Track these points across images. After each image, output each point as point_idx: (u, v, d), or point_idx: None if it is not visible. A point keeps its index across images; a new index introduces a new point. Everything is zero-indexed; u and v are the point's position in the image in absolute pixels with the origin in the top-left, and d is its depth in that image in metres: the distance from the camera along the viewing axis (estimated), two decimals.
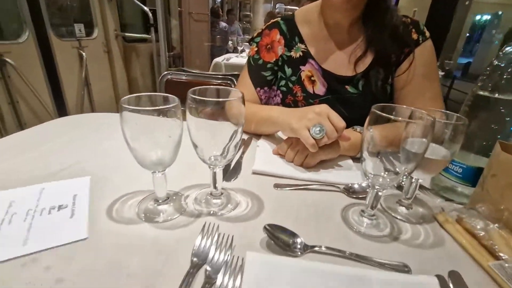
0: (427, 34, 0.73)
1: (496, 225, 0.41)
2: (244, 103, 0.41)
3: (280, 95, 0.84)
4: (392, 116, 0.37)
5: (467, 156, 0.50)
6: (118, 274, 0.33)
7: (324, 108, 0.59)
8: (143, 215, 0.43)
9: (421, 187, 0.56)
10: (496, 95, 0.46)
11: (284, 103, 0.83)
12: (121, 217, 0.43)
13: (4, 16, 2.07)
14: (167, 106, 0.36)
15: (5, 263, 0.34)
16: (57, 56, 2.22)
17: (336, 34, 0.78)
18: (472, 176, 0.49)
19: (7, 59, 1.97)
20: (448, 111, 0.45)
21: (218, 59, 2.79)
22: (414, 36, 0.72)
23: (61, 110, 2.25)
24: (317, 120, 0.58)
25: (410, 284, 0.33)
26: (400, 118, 0.37)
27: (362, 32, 0.76)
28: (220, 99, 0.39)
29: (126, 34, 3.09)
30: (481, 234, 0.41)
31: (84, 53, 2.58)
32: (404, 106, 0.41)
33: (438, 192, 0.54)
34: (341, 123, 0.57)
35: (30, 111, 2.18)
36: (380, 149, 0.39)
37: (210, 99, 0.38)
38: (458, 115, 0.44)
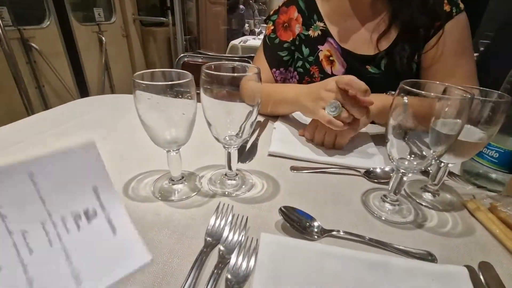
0: (461, 5, 0.66)
1: None
2: (260, 80, 0.38)
3: (297, 77, 0.80)
4: (423, 92, 0.33)
5: (504, 139, 0.45)
6: None
7: (333, 84, 0.53)
8: (158, 193, 0.43)
9: (450, 173, 0.52)
10: None
11: (301, 83, 0.80)
12: (137, 194, 0.43)
13: (28, 1, 2.11)
14: (181, 81, 0.35)
15: None
16: (78, 41, 2.26)
17: (357, 9, 0.72)
18: (510, 162, 0.45)
19: (32, 44, 2.03)
20: (488, 89, 0.40)
21: (235, 42, 2.73)
22: (447, 7, 0.65)
23: (84, 93, 2.31)
24: (330, 96, 0.53)
25: (436, 273, 0.30)
26: (432, 94, 0.33)
27: (387, 5, 0.70)
28: (235, 74, 0.37)
29: (144, 17, 3.08)
30: None
31: (103, 38, 2.61)
32: (437, 82, 0.38)
33: (469, 179, 0.50)
34: (361, 86, 0.49)
35: (55, 94, 2.26)
36: (407, 128, 0.36)
37: (225, 73, 0.36)
38: (499, 92, 0.39)
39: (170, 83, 0.35)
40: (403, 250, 0.35)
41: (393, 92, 0.63)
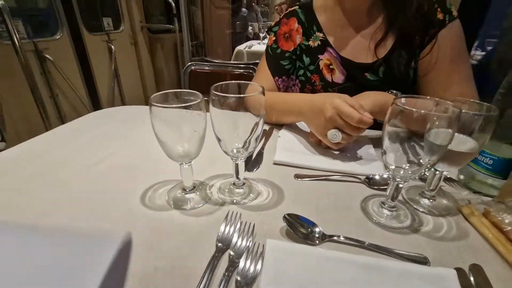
0: (455, 13, 0.68)
1: None
2: (263, 94, 0.42)
3: (299, 84, 0.84)
4: (414, 109, 0.36)
5: (498, 146, 0.48)
6: (149, 255, 0.37)
7: (333, 113, 0.57)
8: (172, 202, 0.47)
9: (447, 179, 0.54)
10: None
11: (302, 93, 0.83)
12: (153, 203, 0.47)
13: (41, 14, 2.20)
14: (192, 102, 0.39)
15: None
16: (89, 50, 2.34)
17: (354, 18, 0.75)
18: (504, 169, 0.47)
19: (47, 55, 2.12)
20: (478, 101, 0.43)
21: (240, 47, 2.78)
22: (440, 15, 0.67)
23: (95, 102, 2.39)
24: (331, 125, 0.58)
25: (427, 275, 0.33)
26: (422, 111, 0.36)
27: (382, 13, 0.72)
28: (242, 95, 0.41)
29: (151, 25, 3.16)
30: (509, 229, 0.40)
31: (113, 46, 2.69)
32: (428, 97, 0.40)
33: (466, 184, 0.52)
34: (354, 117, 0.54)
35: (68, 103, 2.34)
36: (402, 138, 0.39)
37: (232, 95, 0.40)
38: (488, 104, 0.42)
39: (183, 105, 0.38)
40: (399, 253, 0.38)
41: (394, 91, 0.66)
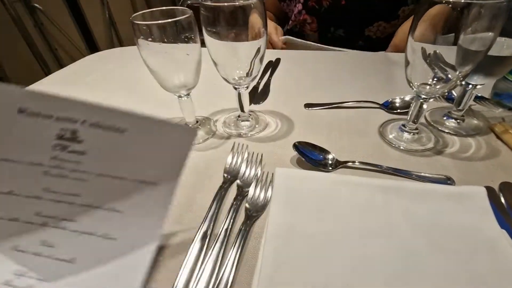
0: None
1: None
2: (265, 12, 0.35)
3: (302, 0, 0.76)
4: None
5: None
6: None
7: None
8: None
9: (477, 97, 0.48)
10: None
11: (307, 6, 0.78)
12: None
13: None
14: (181, 17, 0.33)
15: None
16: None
17: None
18: None
19: (36, 5, 1.97)
20: None
21: None
22: None
23: (94, 51, 2.30)
24: None
25: (452, 194, 0.30)
26: (462, 1, 0.29)
27: None
28: (237, 3, 0.34)
29: None
30: None
31: None
32: None
33: (500, 101, 0.46)
34: None
35: (69, 56, 2.27)
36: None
37: (227, 3, 0.34)
38: None
39: (170, 20, 0.33)
40: (420, 175, 0.35)
41: None
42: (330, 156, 0.38)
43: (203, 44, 0.38)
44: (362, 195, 0.31)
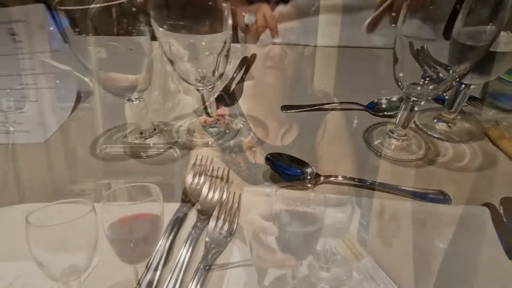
0: None
1: None
2: None
3: None
4: None
5: None
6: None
7: None
8: (129, 150, 0.38)
9: (469, 98, 0.44)
10: None
11: None
12: (106, 153, 0.38)
13: None
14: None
15: None
16: None
17: None
18: None
19: None
20: None
21: None
22: None
23: None
24: None
25: (449, 216, 0.26)
26: None
27: None
28: None
29: None
30: None
31: None
32: None
33: (493, 102, 0.43)
34: None
35: None
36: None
37: None
38: None
39: (105, 4, 0.26)
40: (410, 191, 0.30)
41: None
42: (309, 170, 0.32)
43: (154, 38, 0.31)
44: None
